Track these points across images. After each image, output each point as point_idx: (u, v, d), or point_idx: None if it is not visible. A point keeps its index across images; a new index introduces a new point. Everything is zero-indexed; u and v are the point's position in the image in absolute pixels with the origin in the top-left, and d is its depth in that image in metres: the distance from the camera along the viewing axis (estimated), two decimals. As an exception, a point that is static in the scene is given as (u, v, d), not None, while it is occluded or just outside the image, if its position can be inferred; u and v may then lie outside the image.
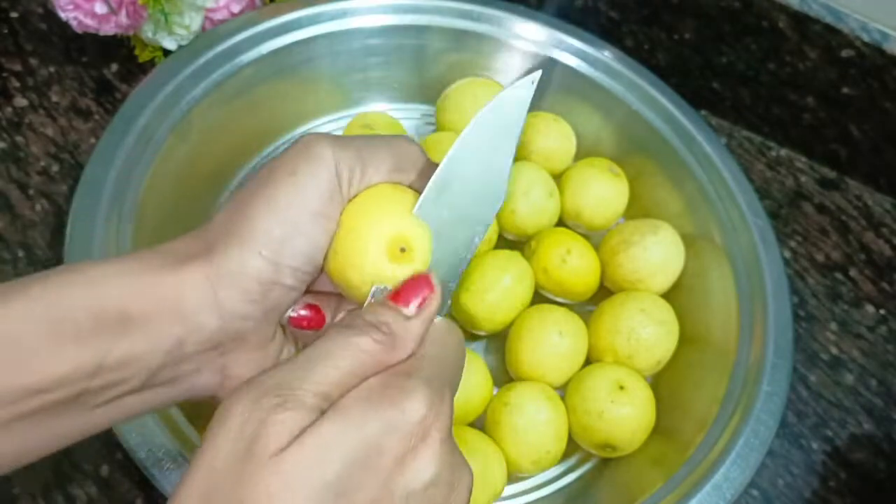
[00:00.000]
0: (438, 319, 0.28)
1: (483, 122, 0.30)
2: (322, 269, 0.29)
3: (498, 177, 0.30)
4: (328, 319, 0.30)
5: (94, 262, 0.25)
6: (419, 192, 0.29)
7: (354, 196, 0.28)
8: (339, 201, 0.27)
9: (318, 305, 0.29)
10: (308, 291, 0.29)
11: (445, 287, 0.29)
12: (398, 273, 0.28)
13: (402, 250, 0.28)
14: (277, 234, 0.26)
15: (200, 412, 0.40)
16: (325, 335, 0.25)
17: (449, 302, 0.30)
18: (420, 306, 0.26)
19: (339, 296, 0.30)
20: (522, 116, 0.31)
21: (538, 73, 0.31)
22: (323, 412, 0.23)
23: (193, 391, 0.27)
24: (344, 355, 0.24)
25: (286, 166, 0.27)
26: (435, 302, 0.27)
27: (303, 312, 0.29)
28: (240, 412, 0.22)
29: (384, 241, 0.28)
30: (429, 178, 0.29)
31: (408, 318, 0.26)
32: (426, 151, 0.30)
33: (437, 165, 0.29)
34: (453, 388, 0.26)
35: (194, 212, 0.51)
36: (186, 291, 0.25)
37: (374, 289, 0.28)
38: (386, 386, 0.24)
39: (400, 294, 0.27)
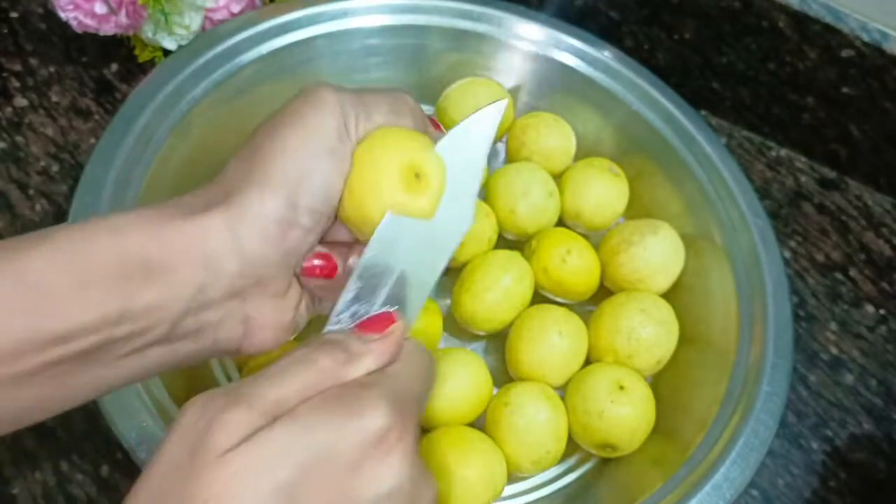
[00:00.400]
0: (409, 340, 0.28)
1: (459, 137, 0.31)
2: (336, 217, 0.29)
3: (466, 202, 0.31)
4: (340, 269, 0.30)
5: (115, 213, 0.26)
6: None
7: (363, 138, 0.29)
8: (347, 142, 0.28)
9: (330, 254, 0.30)
10: (320, 242, 0.30)
11: (424, 285, 0.30)
12: (413, 203, 0.28)
13: (417, 177, 0.28)
14: (293, 175, 0.27)
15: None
16: (285, 354, 0.25)
17: (424, 298, 0.30)
18: (382, 332, 0.27)
19: (350, 244, 0.31)
20: (487, 149, 0.32)
21: (504, 102, 0.32)
22: (276, 418, 0.23)
23: (218, 344, 0.28)
24: (299, 369, 0.24)
25: (294, 114, 0.28)
26: (399, 330, 0.27)
27: (315, 262, 0.29)
28: (192, 412, 0.23)
29: (399, 168, 0.28)
30: (423, 124, 0.30)
31: (365, 338, 0.26)
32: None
33: (427, 115, 0.31)
34: (419, 406, 0.26)
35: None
36: (208, 237, 0.26)
37: (387, 216, 0.28)
38: (341, 395, 0.24)
39: (363, 325, 0.27)
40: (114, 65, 0.59)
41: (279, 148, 0.27)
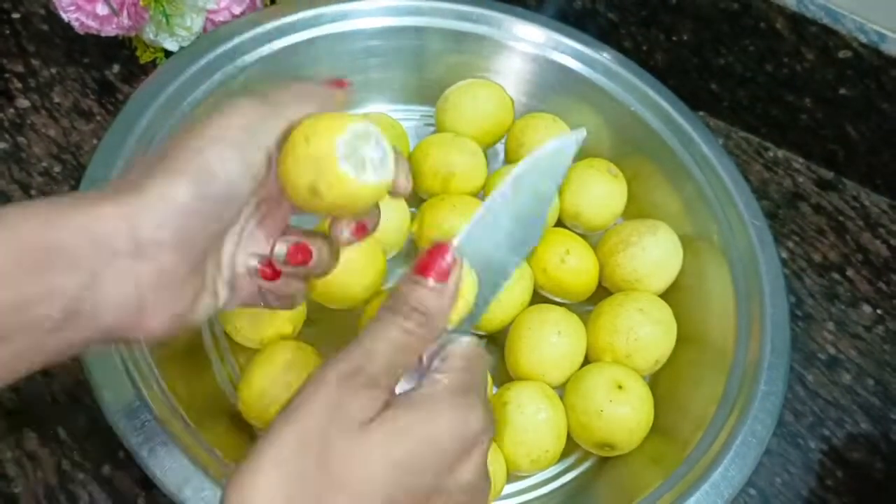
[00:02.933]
0: (474, 347, 0.31)
1: (530, 168, 0.32)
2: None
3: (536, 221, 0.34)
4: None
5: (12, 206, 0.26)
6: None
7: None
8: (256, 140, 0.30)
9: (271, 259, 0.32)
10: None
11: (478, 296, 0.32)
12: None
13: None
14: (197, 166, 0.28)
15: (202, 413, 0.41)
16: (376, 318, 0.29)
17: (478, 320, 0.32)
18: (444, 277, 0.29)
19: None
20: (564, 170, 0.34)
21: (583, 132, 0.34)
22: (391, 390, 0.27)
23: (112, 332, 0.28)
24: (394, 335, 0.28)
25: (205, 119, 0.30)
26: (456, 270, 0.29)
27: (263, 267, 0.32)
28: (330, 383, 0.26)
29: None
30: (327, 97, 0.32)
31: (435, 290, 0.29)
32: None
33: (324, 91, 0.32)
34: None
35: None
36: (99, 223, 0.26)
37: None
38: (455, 395, 0.27)
39: (424, 266, 0.29)
40: (115, 66, 0.60)
41: (186, 146, 0.28)
